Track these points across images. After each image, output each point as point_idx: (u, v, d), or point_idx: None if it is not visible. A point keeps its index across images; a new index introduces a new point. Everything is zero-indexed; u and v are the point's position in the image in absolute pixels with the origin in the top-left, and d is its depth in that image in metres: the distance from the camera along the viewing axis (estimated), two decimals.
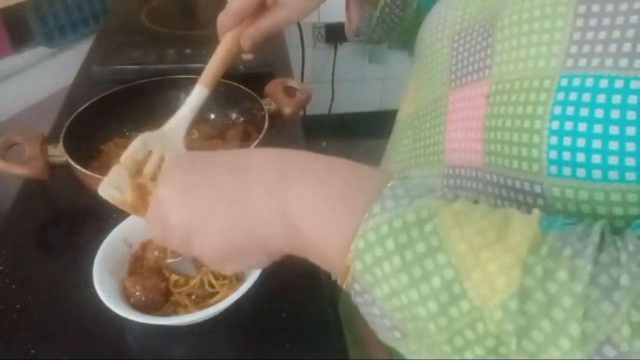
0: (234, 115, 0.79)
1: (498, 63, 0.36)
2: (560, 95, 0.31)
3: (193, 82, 0.78)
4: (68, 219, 0.67)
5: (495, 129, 0.35)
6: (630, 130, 0.28)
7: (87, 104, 0.72)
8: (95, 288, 0.48)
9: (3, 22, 1.07)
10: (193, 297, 0.51)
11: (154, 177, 0.45)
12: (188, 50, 0.92)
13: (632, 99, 0.28)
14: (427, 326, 0.26)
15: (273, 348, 0.50)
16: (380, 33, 0.62)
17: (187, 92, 0.80)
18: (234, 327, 0.51)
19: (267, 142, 0.65)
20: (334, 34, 1.85)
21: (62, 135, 0.65)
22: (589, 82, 0.30)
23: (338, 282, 0.31)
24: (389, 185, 0.29)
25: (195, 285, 0.51)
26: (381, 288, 0.27)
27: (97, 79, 0.93)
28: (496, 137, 0.35)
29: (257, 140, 0.65)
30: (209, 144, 0.73)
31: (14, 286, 0.56)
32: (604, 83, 0.29)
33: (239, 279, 0.52)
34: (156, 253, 0.53)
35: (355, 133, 2.09)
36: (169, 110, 0.76)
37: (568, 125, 0.30)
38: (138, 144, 0.47)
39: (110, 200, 0.43)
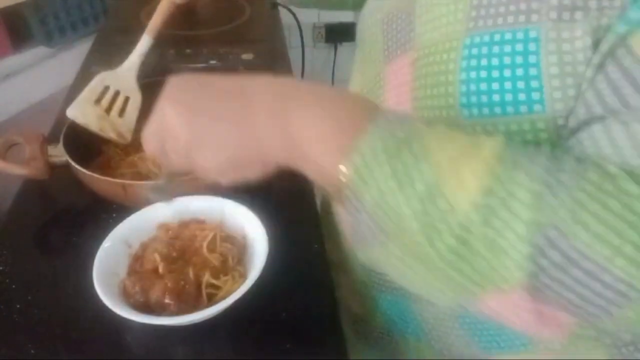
0: None
1: (419, 34, 0.43)
2: (466, 52, 0.38)
3: None
4: (68, 219, 0.67)
5: (419, 88, 0.42)
6: (519, 71, 0.35)
7: None
8: (95, 288, 0.48)
9: (3, 22, 1.07)
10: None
11: (120, 113, 0.66)
12: (188, 50, 0.92)
13: (519, 47, 0.35)
14: (410, 224, 0.31)
15: (273, 348, 0.50)
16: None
17: None
18: (234, 327, 0.51)
19: None
20: (334, 34, 1.85)
21: (62, 135, 0.65)
22: (486, 38, 0.37)
23: (329, 191, 0.35)
24: (380, 110, 0.34)
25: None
26: (371, 192, 0.32)
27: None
28: (420, 95, 0.42)
29: None
30: None
31: (14, 286, 0.56)
32: (497, 37, 0.36)
33: (241, 275, 0.52)
34: (156, 254, 0.53)
35: None
36: None
37: (472, 75, 0.37)
38: (97, 80, 0.66)
39: (75, 120, 0.60)
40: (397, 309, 0.56)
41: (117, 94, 0.70)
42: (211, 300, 0.51)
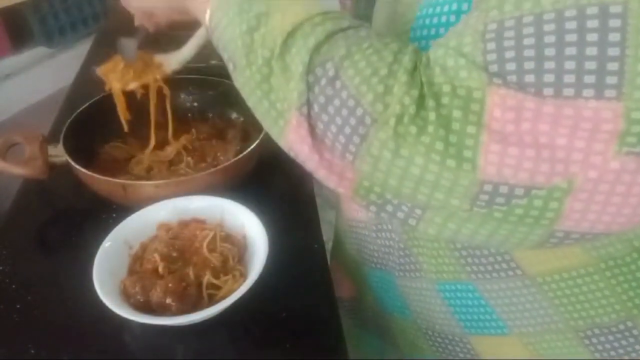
0: (234, 115, 0.79)
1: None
2: (416, 22, 0.42)
3: (193, 82, 0.78)
4: (68, 219, 0.67)
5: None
6: (454, 18, 0.38)
7: (87, 104, 0.72)
8: (95, 288, 0.48)
9: (3, 22, 1.07)
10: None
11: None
12: None
13: (452, 18, 0.38)
14: (237, 45, 0.38)
15: (273, 348, 0.50)
16: None
17: (187, 92, 0.81)
18: (234, 327, 0.51)
19: (267, 142, 0.65)
20: None
21: (62, 135, 0.65)
22: (429, 10, 0.40)
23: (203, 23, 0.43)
24: None
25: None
26: (222, 23, 0.39)
27: (97, 79, 0.93)
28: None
29: (257, 140, 0.65)
30: (209, 143, 0.73)
31: (14, 286, 0.56)
32: (438, 9, 0.39)
33: (242, 275, 0.52)
34: (156, 254, 0.53)
35: None
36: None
37: (422, 44, 0.41)
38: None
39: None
40: (385, 286, 0.58)
41: None
42: (211, 300, 0.51)
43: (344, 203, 0.62)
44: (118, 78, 0.63)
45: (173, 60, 0.63)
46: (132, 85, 0.63)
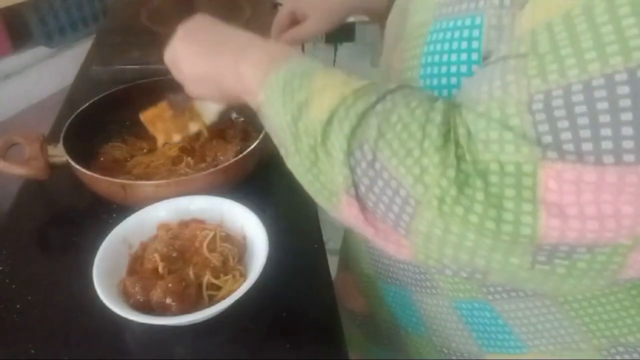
0: (234, 115, 0.79)
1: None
2: (429, 37, 0.42)
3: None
4: (68, 219, 0.67)
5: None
6: (464, 56, 0.39)
7: (87, 104, 0.72)
8: (95, 288, 0.48)
9: (3, 22, 1.07)
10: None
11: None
12: None
13: (465, 32, 0.38)
14: (286, 133, 0.40)
15: (273, 348, 0.50)
16: None
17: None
18: (234, 327, 0.51)
19: (267, 143, 0.65)
20: (333, 35, 1.84)
21: (62, 135, 0.65)
22: (444, 24, 0.40)
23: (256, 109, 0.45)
24: (293, 56, 0.44)
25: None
26: (270, 111, 0.42)
27: (97, 79, 0.93)
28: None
29: (257, 141, 0.65)
30: (209, 143, 0.73)
31: (14, 286, 0.56)
32: (459, 22, 0.39)
33: (242, 275, 0.52)
34: (156, 254, 0.53)
35: None
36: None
37: (436, 58, 0.41)
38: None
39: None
40: (400, 301, 0.57)
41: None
42: (211, 300, 0.51)
43: None
44: (164, 129, 0.63)
45: (211, 110, 0.62)
46: (176, 139, 0.64)
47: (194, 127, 0.64)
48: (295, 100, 0.39)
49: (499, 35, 0.36)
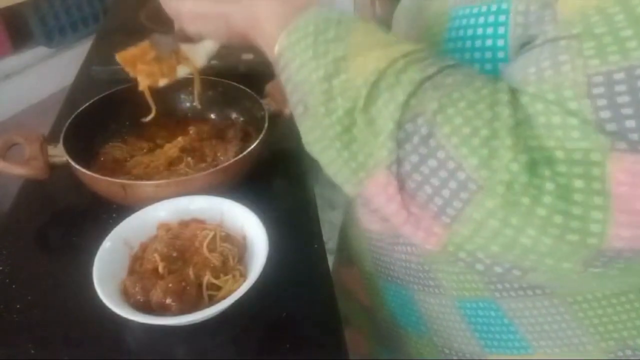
0: (234, 115, 0.79)
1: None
2: (451, 23, 0.40)
3: (193, 82, 0.78)
4: (68, 219, 0.67)
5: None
6: (499, 43, 0.37)
7: (87, 104, 0.72)
8: (95, 288, 0.48)
9: (3, 22, 1.07)
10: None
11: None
12: None
13: (490, 18, 0.37)
14: (314, 90, 0.35)
15: (273, 348, 0.50)
16: None
17: (187, 92, 0.80)
18: (234, 327, 0.51)
19: (267, 142, 0.65)
20: None
21: (62, 135, 0.65)
22: (467, 11, 0.39)
23: (271, 60, 0.40)
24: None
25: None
26: (294, 62, 0.37)
27: (97, 79, 0.93)
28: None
29: (257, 141, 0.65)
30: (209, 144, 0.73)
31: (14, 286, 0.56)
32: (484, 8, 0.38)
33: (242, 275, 0.52)
34: (156, 254, 0.53)
35: None
36: (168, 110, 0.77)
37: (459, 44, 0.40)
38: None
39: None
40: (401, 300, 0.57)
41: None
42: (211, 300, 0.51)
43: (357, 211, 0.60)
44: (147, 72, 0.57)
45: (200, 55, 0.56)
46: (163, 83, 0.58)
47: (183, 71, 0.58)
48: (332, 53, 0.34)
49: (525, 20, 0.35)
